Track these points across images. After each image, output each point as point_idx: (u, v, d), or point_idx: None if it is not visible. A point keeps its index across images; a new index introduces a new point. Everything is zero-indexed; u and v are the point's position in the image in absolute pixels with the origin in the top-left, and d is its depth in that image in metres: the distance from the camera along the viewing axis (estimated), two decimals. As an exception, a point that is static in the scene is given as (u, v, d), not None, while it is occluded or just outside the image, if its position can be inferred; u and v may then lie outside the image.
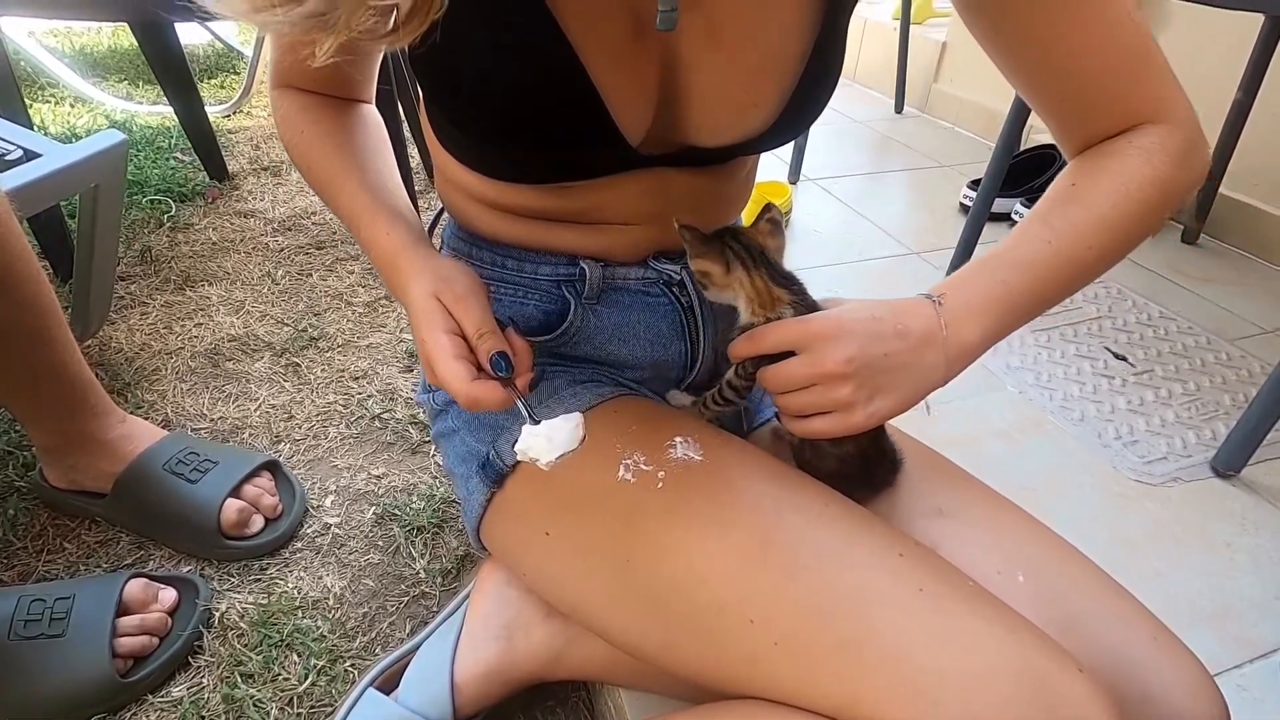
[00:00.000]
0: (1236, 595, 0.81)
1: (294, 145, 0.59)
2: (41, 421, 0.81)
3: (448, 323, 0.48)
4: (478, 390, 0.45)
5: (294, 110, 0.59)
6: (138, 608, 0.72)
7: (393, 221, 0.54)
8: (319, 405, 1.05)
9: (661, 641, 0.49)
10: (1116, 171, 0.48)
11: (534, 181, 0.55)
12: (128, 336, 1.16)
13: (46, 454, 0.84)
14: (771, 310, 0.51)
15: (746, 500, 0.49)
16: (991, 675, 0.38)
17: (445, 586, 0.81)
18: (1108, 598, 0.50)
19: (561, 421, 0.47)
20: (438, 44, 0.39)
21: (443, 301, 0.48)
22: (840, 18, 0.52)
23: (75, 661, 0.67)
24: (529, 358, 0.50)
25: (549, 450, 0.46)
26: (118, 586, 0.72)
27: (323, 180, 0.57)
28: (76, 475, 0.84)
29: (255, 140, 1.83)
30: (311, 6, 0.36)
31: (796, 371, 0.48)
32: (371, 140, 0.60)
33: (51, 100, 1.95)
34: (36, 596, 0.69)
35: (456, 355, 0.46)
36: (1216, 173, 1.46)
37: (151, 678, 0.69)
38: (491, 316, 0.49)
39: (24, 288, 0.72)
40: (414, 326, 0.50)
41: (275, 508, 0.86)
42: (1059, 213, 0.49)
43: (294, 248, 1.42)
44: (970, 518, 0.56)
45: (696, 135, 0.53)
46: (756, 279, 0.52)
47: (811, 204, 1.68)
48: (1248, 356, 1.20)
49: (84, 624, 0.68)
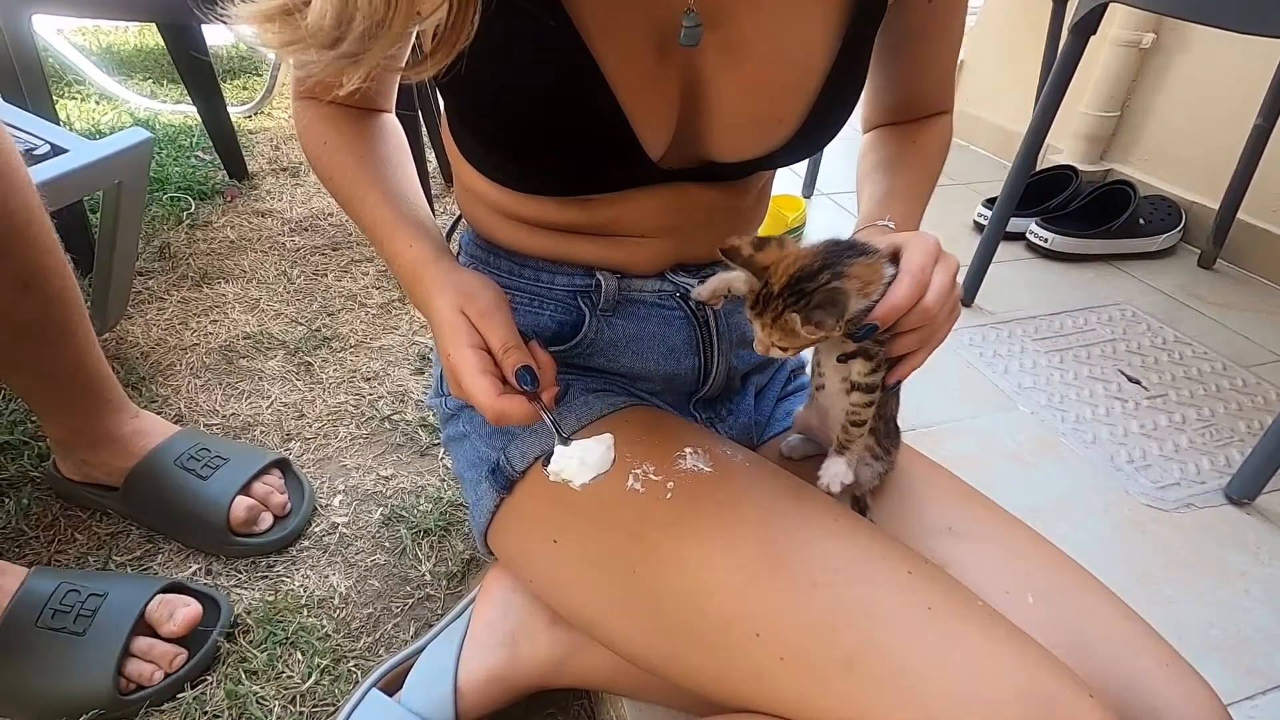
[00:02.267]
0: (1250, 626, 0.80)
1: (317, 157, 0.59)
2: (57, 415, 0.82)
3: (473, 337, 0.48)
4: (504, 405, 0.46)
5: (315, 120, 0.59)
6: (156, 625, 0.71)
7: (415, 235, 0.54)
8: (330, 405, 1.05)
9: (667, 653, 0.49)
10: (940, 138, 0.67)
11: (553, 194, 0.56)
12: (144, 331, 1.17)
13: (60, 447, 0.85)
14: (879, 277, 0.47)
15: (755, 513, 0.49)
16: (1000, 699, 0.38)
17: (451, 590, 0.81)
18: (1119, 622, 0.50)
19: (594, 443, 0.47)
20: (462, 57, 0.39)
21: (467, 316, 0.49)
22: (863, 35, 0.52)
23: (85, 666, 0.67)
24: (553, 371, 0.50)
25: (582, 472, 0.46)
26: (147, 596, 0.71)
27: (346, 191, 0.58)
28: (89, 469, 0.85)
29: (275, 141, 1.85)
30: (345, 49, 0.37)
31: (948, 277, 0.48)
32: (393, 152, 0.61)
33: (77, 97, 1.98)
34: (73, 586, 0.70)
35: (482, 370, 0.47)
36: (1235, 197, 1.46)
37: (151, 698, 0.69)
38: (516, 331, 0.49)
39: (53, 282, 0.73)
40: (439, 341, 0.50)
41: (284, 506, 0.86)
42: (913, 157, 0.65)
43: (310, 248, 1.43)
44: (980, 537, 0.55)
45: (717, 151, 0.53)
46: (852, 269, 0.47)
47: (825, 218, 1.68)
48: (1264, 383, 1.19)
49: (105, 628, 0.68)
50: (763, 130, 0.53)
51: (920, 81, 0.65)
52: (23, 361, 0.76)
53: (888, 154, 0.66)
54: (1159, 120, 1.69)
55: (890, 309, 0.46)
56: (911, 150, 0.66)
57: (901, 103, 0.67)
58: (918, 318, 0.47)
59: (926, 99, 0.66)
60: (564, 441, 0.47)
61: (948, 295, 0.48)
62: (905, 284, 0.46)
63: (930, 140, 0.66)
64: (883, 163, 0.65)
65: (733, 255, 0.48)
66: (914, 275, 0.46)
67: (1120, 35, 1.64)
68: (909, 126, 0.67)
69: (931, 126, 0.67)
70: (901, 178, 0.63)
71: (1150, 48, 1.64)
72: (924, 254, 0.47)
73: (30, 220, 0.69)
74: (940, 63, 0.64)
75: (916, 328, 0.48)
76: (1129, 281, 1.49)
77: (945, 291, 0.47)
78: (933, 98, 0.66)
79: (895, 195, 0.62)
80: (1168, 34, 1.62)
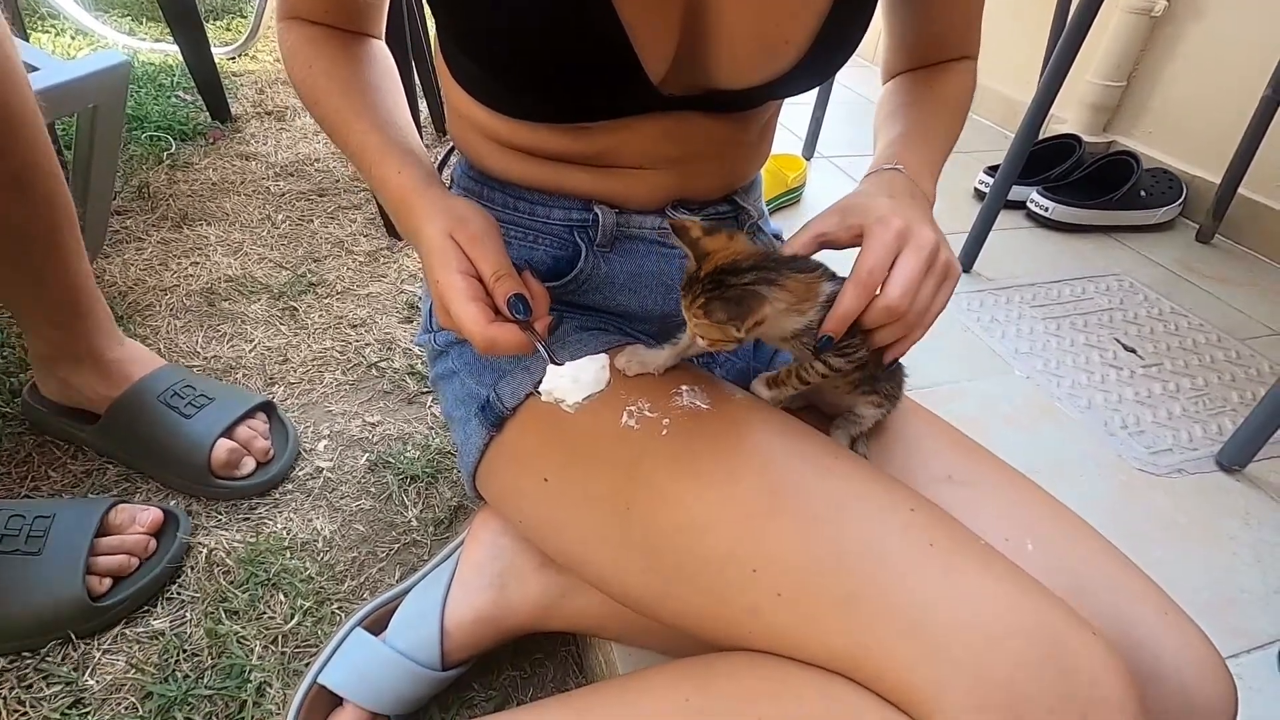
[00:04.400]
0: (1236, 588, 0.80)
1: (302, 80, 0.56)
2: (43, 328, 0.79)
3: (463, 263, 0.46)
4: (495, 332, 0.44)
5: (301, 42, 0.56)
6: (118, 530, 0.71)
7: (404, 160, 0.51)
8: (315, 350, 1.03)
9: (660, 591, 0.48)
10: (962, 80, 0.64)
11: (550, 120, 0.53)
12: (122, 271, 1.13)
13: (42, 363, 0.82)
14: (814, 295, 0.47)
15: (753, 449, 0.47)
16: (1005, 632, 0.37)
17: (437, 536, 0.80)
18: (1117, 571, 0.49)
19: (587, 362, 0.45)
20: None
21: (457, 241, 0.47)
22: None
23: (48, 580, 0.65)
24: (547, 301, 0.49)
25: (575, 391, 0.45)
26: (101, 510, 0.71)
27: (331, 117, 0.55)
28: (70, 391, 0.82)
29: (260, 84, 1.79)
30: None
31: (914, 265, 0.46)
32: (382, 77, 0.58)
33: (51, 31, 1.90)
34: (16, 513, 0.68)
35: (472, 297, 0.45)
36: (1237, 172, 1.44)
37: (125, 604, 0.68)
38: (508, 258, 0.47)
39: (45, 184, 0.70)
40: (427, 267, 0.48)
41: (267, 451, 0.84)
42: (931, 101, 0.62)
43: (295, 193, 1.39)
44: (980, 485, 0.54)
45: (721, 75, 0.51)
46: (789, 282, 0.46)
47: (825, 181, 1.65)
48: (1257, 356, 1.19)
49: (61, 544, 0.67)
50: (769, 52, 0.50)
51: (942, 17, 0.62)
52: (11, 265, 0.73)
53: (903, 99, 0.63)
54: (1165, 92, 1.67)
55: (837, 320, 0.46)
56: (928, 94, 0.63)
57: (921, 42, 0.64)
58: (880, 315, 0.46)
59: (949, 39, 0.63)
60: (558, 365, 0.46)
61: (913, 284, 0.46)
62: (849, 294, 0.46)
63: (950, 83, 0.63)
64: (899, 108, 0.62)
65: (681, 233, 0.47)
66: (858, 283, 0.46)
67: (1132, 2, 1.60)
68: (928, 71, 0.64)
69: (952, 70, 0.64)
70: (917, 122, 0.60)
71: (1162, 15, 1.61)
72: (875, 254, 0.46)
73: (25, 115, 0.66)
74: (963, 2, 0.61)
75: (887, 323, 0.47)
76: (1127, 253, 1.48)
77: (910, 282, 0.46)
78: (955, 38, 0.63)
79: (909, 140, 0.58)
80: (1180, 1, 1.59)
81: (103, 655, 0.66)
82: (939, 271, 0.48)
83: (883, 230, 0.47)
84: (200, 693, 0.64)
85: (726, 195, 0.62)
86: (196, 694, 0.64)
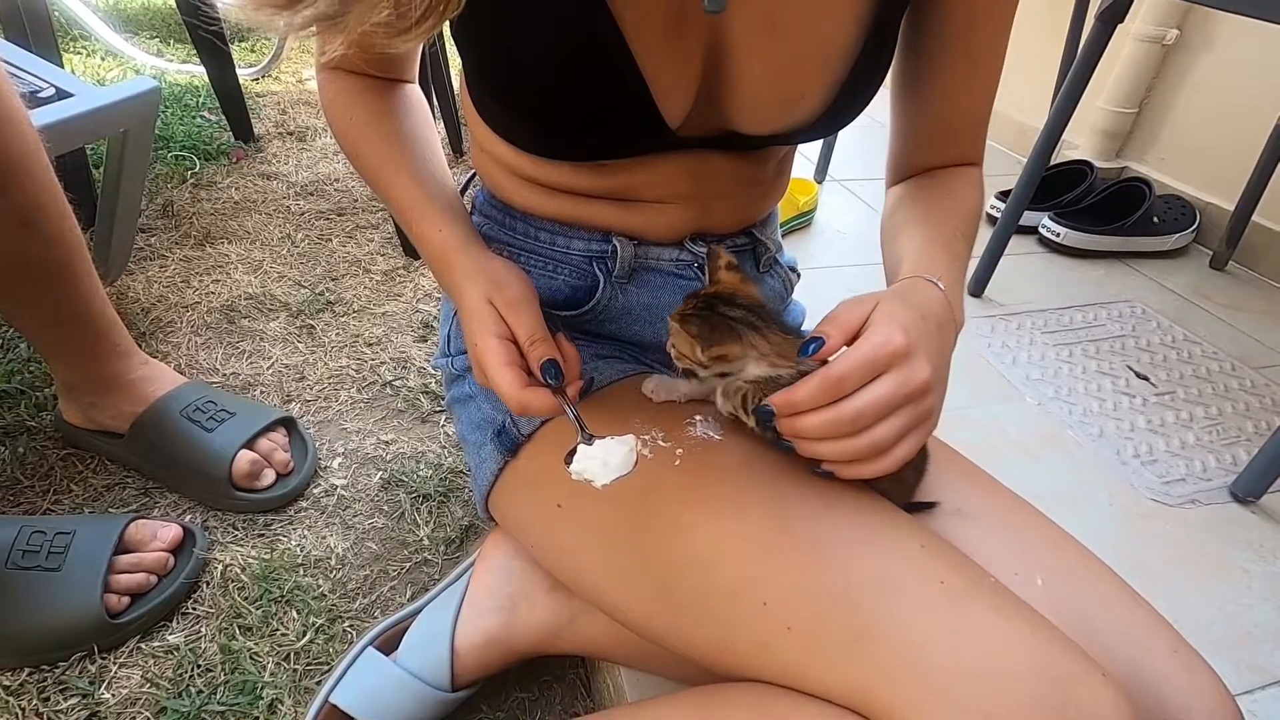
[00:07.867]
0: (1251, 622, 0.79)
1: (343, 132, 0.58)
2: (65, 358, 0.81)
3: (500, 328, 0.49)
4: (528, 397, 0.46)
5: (341, 94, 0.58)
6: (137, 547, 0.72)
7: (445, 219, 0.54)
8: (331, 368, 1.04)
9: (670, 622, 0.48)
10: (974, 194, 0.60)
11: (570, 159, 0.55)
12: (145, 288, 1.16)
13: (67, 391, 0.84)
14: (790, 357, 0.45)
15: (765, 481, 0.48)
16: (1012, 675, 0.37)
17: (449, 555, 0.81)
18: (1127, 607, 0.49)
19: (616, 444, 0.48)
20: (481, 16, 0.38)
21: (495, 306, 0.49)
22: (894, 13, 0.51)
23: (67, 596, 0.67)
24: (578, 365, 0.50)
25: (604, 474, 0.47)
26: (119, 526, 0.72)
27: (373, 169, 0.57)
28: (95, 414, 0.84)
29: (282, 105, 1.83)
30: (320, 10, 0.36)
31: (887, 392, 0.40)
32: (419, 128, 0.60)
33: (83, 52, 1.95)
34: (38, 529, 0.69)
35: (508, 361, 0.47)
36: (1251, 199, 1.44)
37: (142, 620, 0.69)
38: (543, 323, 0.49)
39: (53, 223, 0.72)
40: (466, 330, 0.51)
41: (287, 464, 0.86)
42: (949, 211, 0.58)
43: (315, 212, 1.42)
44: (990, 519, 0.55)
45: (739, 122, 0.52)
46: (771, 335, 0.46)
47: (836, 204, 1.66)
48: (1272, 385, 1.18)
49: (80, 560, 0.68)
50: (786, 105, 0.51)
51: (951, 108, 0.59)
52: (26, 303, 0.75)
53: (919, 211, 0.58)
54: (1178, 118, 1.67)
55: (783, 403, 0.42)
56: (948, 205, 0.58)
57: (928, 138, 0.60)
58: (825, 426, 0.41)
59: (956, 130, 0.60)
60: (587, 440, 0.48)
61: (875, 412, 0.40)
62: (811, 384, 0.40)
63: (967, 200, 0.59)
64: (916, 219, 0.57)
65: (712, 258, 0.51)
66: (823, 379, 0.40)
67: (1144, 30, 1.61)
68: (939, 179, 0.60)
69: (964, 178, 0.60)
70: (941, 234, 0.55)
71: (1174, 44, 1.62)
72: (855, 363, 0.40)
73: (26, 155, 0.68)
74: (973, 95, 0.58)
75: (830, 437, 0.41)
76: (1140, 279, 1.48)
77: (873, 407, 0.40)
78: (964, 133, 0.60)
79: (937, 255, 0.52)
80: (1192, 30, 1.60)
81: (119, 669, 0.67)
82: (915, 413, 0.42)
83: (880, 342, 0.41)
84: (213, 708, 0.65)
85: (744, 229, 0.63)
86: (209, 709, 0.64)
